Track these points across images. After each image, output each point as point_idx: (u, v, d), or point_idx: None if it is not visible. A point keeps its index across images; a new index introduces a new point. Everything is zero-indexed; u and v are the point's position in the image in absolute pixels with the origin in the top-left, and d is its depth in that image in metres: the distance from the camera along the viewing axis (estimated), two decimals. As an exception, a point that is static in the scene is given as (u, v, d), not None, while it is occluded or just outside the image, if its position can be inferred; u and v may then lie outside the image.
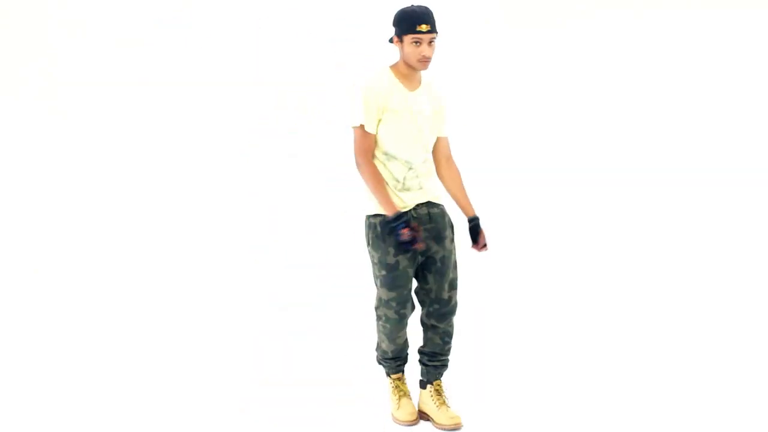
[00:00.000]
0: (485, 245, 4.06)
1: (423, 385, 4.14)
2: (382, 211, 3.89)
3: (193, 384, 4.60)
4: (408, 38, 3.75)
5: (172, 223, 6.64)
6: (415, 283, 4.06)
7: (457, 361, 4.32)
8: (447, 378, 4.21)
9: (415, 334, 4.16)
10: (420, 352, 4.14)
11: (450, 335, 4.09)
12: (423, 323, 4.10)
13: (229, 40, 6.64)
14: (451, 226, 4.03)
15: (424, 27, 3.71)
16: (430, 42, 3.76)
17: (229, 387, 4.56)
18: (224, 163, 6.74)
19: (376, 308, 4.05)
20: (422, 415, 4.11)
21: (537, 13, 6.72)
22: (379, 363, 4.23)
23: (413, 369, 4.27)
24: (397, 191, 3.91)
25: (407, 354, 4.18)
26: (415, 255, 3.92)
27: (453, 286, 4.03)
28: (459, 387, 4.33)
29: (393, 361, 4.14)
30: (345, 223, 5.68)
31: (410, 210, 3.91)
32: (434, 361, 4.11)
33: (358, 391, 4.44)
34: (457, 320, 4.12)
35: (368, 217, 3.95)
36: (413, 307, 4.07)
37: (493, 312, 5.57)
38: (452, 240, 4.02)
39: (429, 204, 3.96)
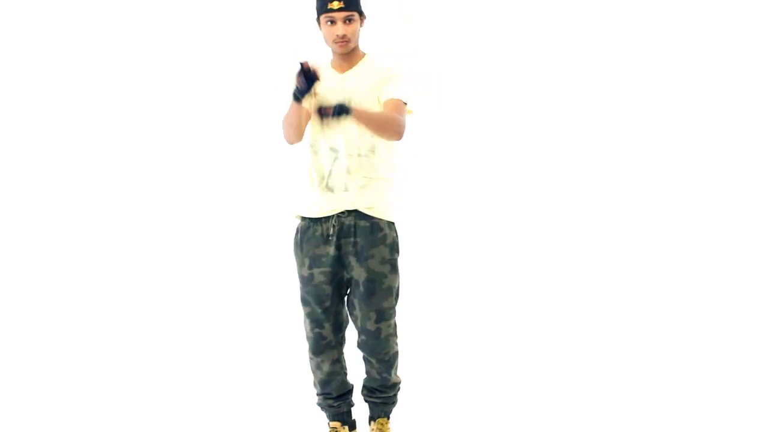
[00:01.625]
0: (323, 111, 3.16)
1: (369, 420, 3.79)
2: (303, 213, 3.56)
3: (190, 384, 4.58)
4: (322, 18, 3.43)
5: (169, 223, 6.65)
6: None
7: (411, 392, 3.96)
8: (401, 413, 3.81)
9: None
10: (363, 385, 3.77)
11: (387, 370, 3.63)
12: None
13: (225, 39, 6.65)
14: (391, 247, 3.53)
15: (335, 4, 3.37)
16: (347, 20, 3.40)
17: (226, 387, 4.54)
18: (221, 163, 6.74)
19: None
20: None
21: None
22: (319, 405, 3.79)
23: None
24: (319, 191, 3.50)
25: (345, 397, 3.73)
26: (336, 270, 3.52)
27: (383, 317, 3.53)
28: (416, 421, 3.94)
29: (322, 398, 3.73)
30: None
31: (333, 217, 3.51)
32: (373, 397, 3.73)
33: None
34: (412, 342, 3.79)
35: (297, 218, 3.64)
36: (339, 331, 3.66)
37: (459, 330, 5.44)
38: (387, 262, 3.51)
39: (357, 214, 3.50)
